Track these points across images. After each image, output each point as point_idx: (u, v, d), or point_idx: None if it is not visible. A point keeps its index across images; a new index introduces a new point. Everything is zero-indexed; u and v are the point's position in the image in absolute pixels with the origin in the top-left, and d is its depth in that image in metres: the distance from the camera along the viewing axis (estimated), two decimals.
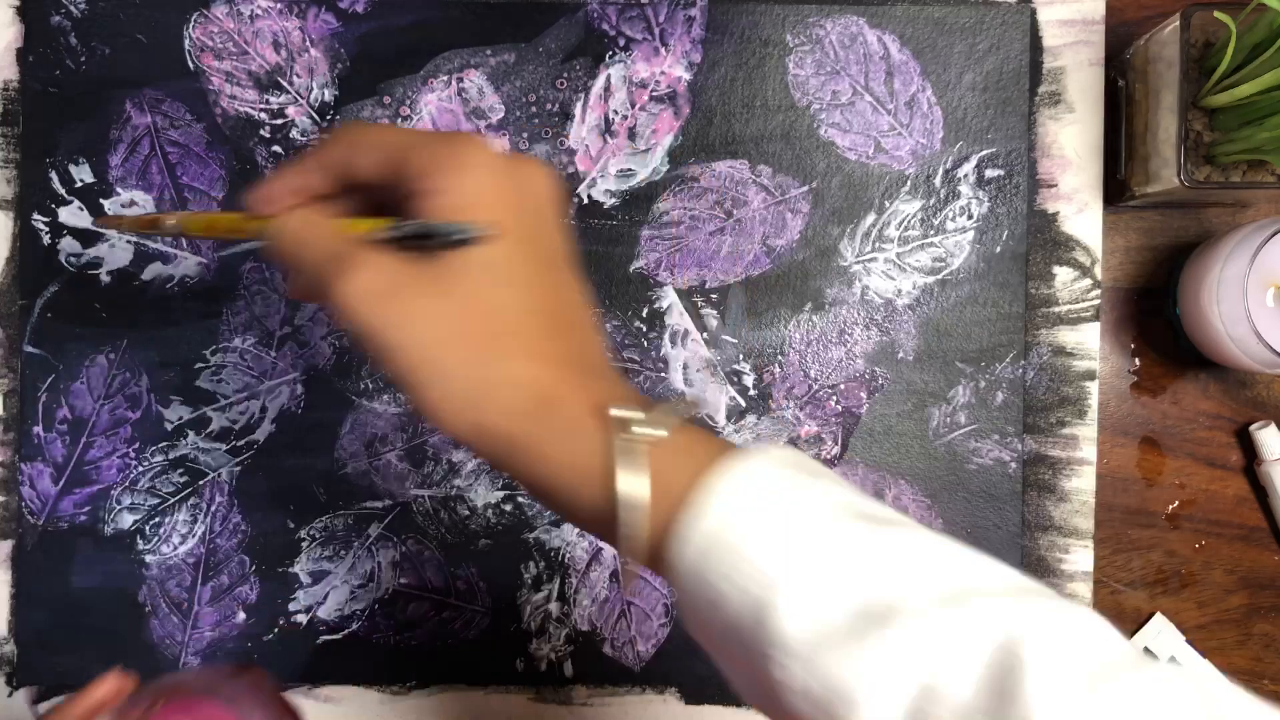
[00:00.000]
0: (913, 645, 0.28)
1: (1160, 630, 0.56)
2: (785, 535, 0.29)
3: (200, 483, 0.55)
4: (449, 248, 0.32)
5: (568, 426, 0.31)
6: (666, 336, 0.55)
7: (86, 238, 0.55)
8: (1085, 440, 0.55)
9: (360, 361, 0.55)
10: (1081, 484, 0.55)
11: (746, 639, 0.29)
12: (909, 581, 0.29)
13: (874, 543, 0.29)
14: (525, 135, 0.55)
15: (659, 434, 0.30)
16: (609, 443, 0.30)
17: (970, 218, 0.55)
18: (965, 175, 0.55)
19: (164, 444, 0.55)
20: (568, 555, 0.55)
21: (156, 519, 0.55)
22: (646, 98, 0.55)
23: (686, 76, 0.55)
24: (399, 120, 0.55)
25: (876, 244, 0.55)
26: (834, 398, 0.56)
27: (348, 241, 0.33)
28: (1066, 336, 0.55)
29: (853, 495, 0.31)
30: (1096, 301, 0.56)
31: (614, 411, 0.31)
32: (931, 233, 0.55)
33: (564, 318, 0.33)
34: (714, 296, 0.55)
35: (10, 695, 0.55)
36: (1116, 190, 0.56)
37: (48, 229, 0.55)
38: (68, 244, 0.55)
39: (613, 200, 0.55)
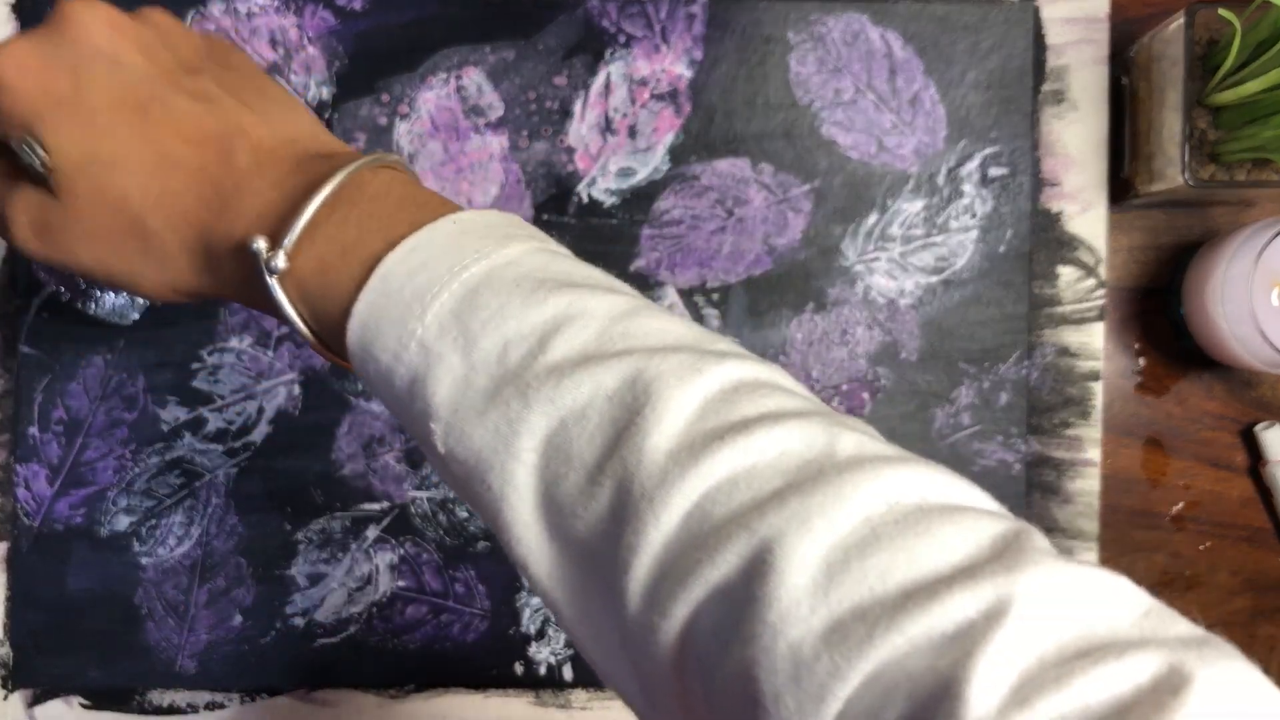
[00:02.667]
0: (545, 409, 0.28)
1: None
2: (448, 304, 0.29)
3: (197, 484, 0.55)
4: (32, 164, 0.33)
5: (231, 273, 0.33)
6: None
7: None
8: (1089, 441, 0.55)
9: None
10: (1086, 485, 0.55)
11: (412, 411, 0.30)
12: (556, 343, 0.28)
13: (535, 307, 0.29)
14: (524, 133, 0.55)
15: (282, 266, 0.31)
16: (261, 275, 0.31)
17: (973, 217, 0.55)
18: (968, 174, 0.55)
19: (160, 445, 0.55)
20: None
21: (153, 521, 0.55)
22: (647, 95, 0.55)
23: (687, 74, 0.55)
24: (397, 119, 0.55)
25: (879, 243, 0.55)
26: (836, 398, 0.55)
27: (2, 191, 0.34)
28: (1070, 336, 0.55)
29: (539, 259, 0.30)
30: (1100, 301, 0.55)
31: (253, 248, 0.31)
32: (934, 232, 0.55)
33: (187, 153, 0.32)
34: (715, 296, 0.55)
35: (6, 699, 0.54)
36: (1120, 189, 0.55)
37: None
38: None
39: (613, 199, 0.55)
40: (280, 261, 0.30)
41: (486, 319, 0.29)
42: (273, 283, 0.31)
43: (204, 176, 0.32)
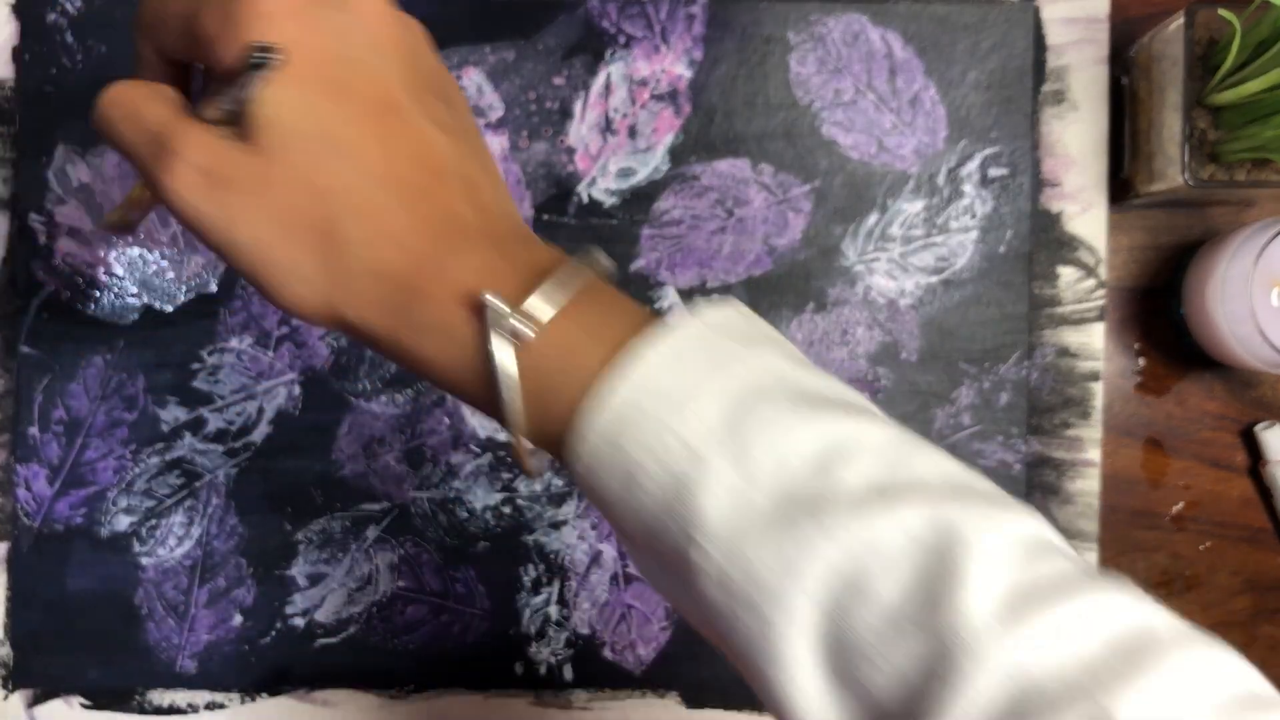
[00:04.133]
0: (841, 538, 0.26)
1: None
2: (712, 408, 0.27)
3: (197, 484, 0.55)
4: (247, 89, 0.28)
5: (435, 320, 0.28)
6: None
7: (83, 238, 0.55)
8: (1089, 442, 0.55)
9: (359, 362, 0.55)
10: (1086, 486, 0.55)
11: (663, 518, 0.27)
12: (843, 470, 0.26)
13: (809, 424, 0.27)
14: (524, 133, 0.55)
15: (527, 332, 0.28)
16: (482, 333, 0.28)
17: (973, 217, 0.55)
18: (968, 174, 0.55)
19: (160, 445, 0.55)
20: (567, 558, 0.55)
21: (153, 521, 0.55)
22: (647, 96, 0.55)
23: (687, 74, 0.55)
24: None
25: (879, 243, 0.55)
26: None
27: (171, 117, 0.29)
28: (1070, 337, 0.55)
29: (794, 369, 0.28)
30: (1101, 302, 0.55)
31: (486, 298, 0.27)
32: (934, 232, 0.55)
33: (417, 177, 0.29)
34: (715, 296, 0.55)
35: (6, 699, 0.54)
36: (1120, 189, 0.55)
37: (44, 228, 0.54)
38: (65, 244, 0.54)
39: (613, 199, 0.55)
40: (523, 327, 0.27)
41: (759, 431, 0.26)
42: (498, 344, 0.27)
43: (424, 208, 0.29)
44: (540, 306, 0.28)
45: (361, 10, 0.30)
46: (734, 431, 0.26)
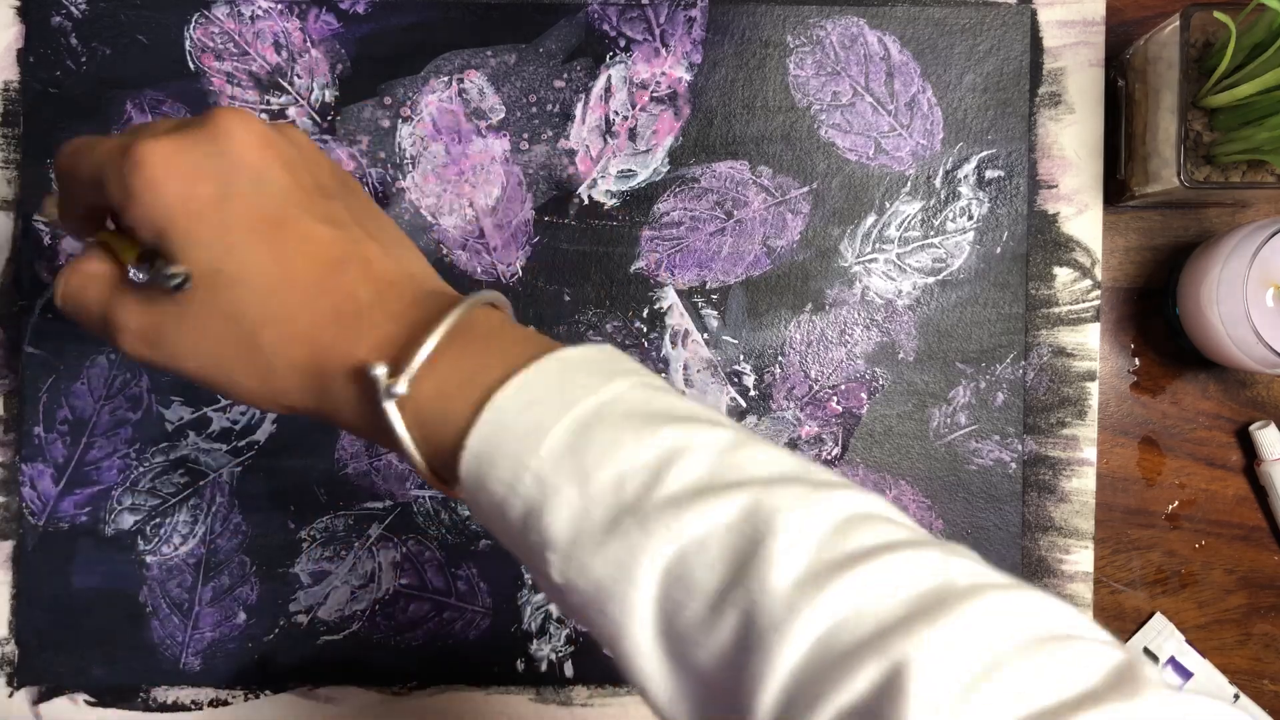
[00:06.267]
0: (662, 536, 0.29)
1: (1160, 630, 0.56)
2: (560, 439, 0.30)
3: (201, 483, 0.55)
4: (161, 281, 0.33)
5: (344, 395, 0.33)
6: (667, 337, 0.55)
7: None
8: (1085, 441, 0.56)
9: None
10: (1082, 484, 0.56)
11: (526, 541, 0.31)
12: (671, 475, 0.29)
13: (646, 440, 0.30)
14: (525, 136, 0.55)
15: (402, 392, 0.32)
16: (374, 401, 0.32)
17: (970, 218, 0.55)
18: (965, 176, 0.55)
19: (164, 444, 0.55)
20: None
21: (157, 519, 0.55)
22: (647, 98, 0.55)
23: (687, 77, 0.55)
24: (400, 122, 0.55)
25: (877, 245, 0.56)
26: (834, 398, 0.56)
27: (108, 297, 0.35)
28: (1066, 337, 0.56)
29: (645, 394, 0.32)
30: (1096, 302, 0.56)
31: (372, 374, 0.32)
32: (932, 233, 0.55)
33: (313, 274, 0.33)
34: (714, 297, 0.56)
35: (11, 696, 0.55)
36: (1116, 190, 0.56)
37: (48, 229, 0.55)
38: (69, 244, 0.55)
39: (613, 201, 0.55)
40: (401, 388, 0.31)
41: (600, 453, 0.30)
42: (390, 407, 0.32)
43: (323, 301, 0.33)
44: (418, 363, 0.32)
45: (233, 145, 0.33)
46: (577, 456, 0.30)
